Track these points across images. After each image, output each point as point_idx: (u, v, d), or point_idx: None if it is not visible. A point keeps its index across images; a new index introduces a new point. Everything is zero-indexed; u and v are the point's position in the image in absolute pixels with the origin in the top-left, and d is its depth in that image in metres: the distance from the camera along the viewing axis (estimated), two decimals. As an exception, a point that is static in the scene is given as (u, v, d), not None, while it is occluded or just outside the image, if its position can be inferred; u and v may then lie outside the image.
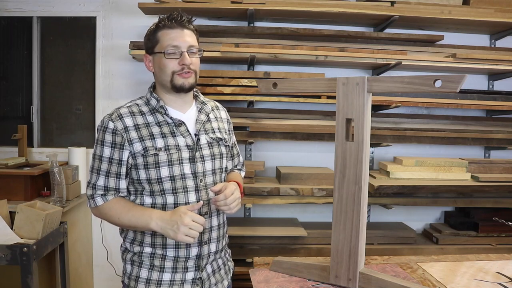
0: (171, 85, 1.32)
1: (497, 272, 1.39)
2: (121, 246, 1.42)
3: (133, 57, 2.59)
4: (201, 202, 1.27)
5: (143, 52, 2.37)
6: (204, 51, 1.42)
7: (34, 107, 2.80)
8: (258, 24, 2.66)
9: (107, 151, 1.29)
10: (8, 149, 2.75)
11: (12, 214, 1.87)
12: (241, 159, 1.64)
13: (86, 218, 2.68)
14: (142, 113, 1.33)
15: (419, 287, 1.15)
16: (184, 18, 1.32)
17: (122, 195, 1.33)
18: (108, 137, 1.29)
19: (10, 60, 2.81)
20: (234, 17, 2.60)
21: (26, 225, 1.79)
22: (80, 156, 2.56)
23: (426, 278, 1.34)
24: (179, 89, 1.33)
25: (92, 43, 2.74)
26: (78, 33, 2.78)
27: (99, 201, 1.31)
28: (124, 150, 1.29)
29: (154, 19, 2.59)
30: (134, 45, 2.39)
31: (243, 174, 1.64)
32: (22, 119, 2.82)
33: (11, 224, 1.82)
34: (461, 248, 2.44)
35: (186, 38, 1.31)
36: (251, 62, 2.50)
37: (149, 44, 1.36)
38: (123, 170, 1.31)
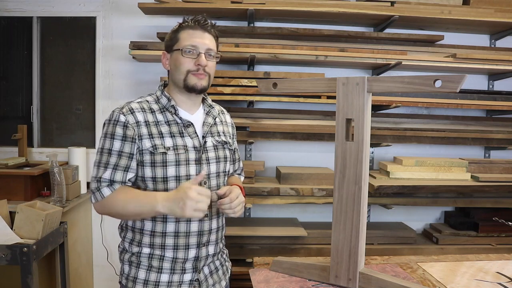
0: (183, 84, 1.33)
1: (497, 272, 1.39)
2: (119, 246, 1.41)
3: (133, 57, 2.59)
4: (203, 172, 1.24)
5: (143, 52, 2.39)
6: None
7: (34, 107, 2.80)
8: (258, 24, 2.66)
9: (117, 145, 1.27)
10: (8, 149, 2.75)
11: (12, 214, 1.87)
12: (241, 164, 1.65)
13: (86, 218, 2.68)
14: (152, 111, 1.33)
15: (419, 287, 1.15)
16: (208, 22, 1.35)
17: (127, 185, 1.30)
18: (119, 130, 1.27)
19: (10, 60, 2.81)
20: (234, 17, 2.60)
21: (26, 225, 1.79)
22: (80, 156, 2.56)
23: (426, 278, 1.34)
24: (190, 89, 1.33)
25: (92, 43, 2.74)
26: (78, 33, 2.78)
27: (106, 191, 1.25)
28: (134, 144, 1.28)
29: (154, 19, 2.64)
30: (134, 45, 2.39)
31: (242, 179, 1.65)
32: (22, 119, 2.82)
33: (11, 224, 1.82)
34: (461, 248, 2.44)
35: (205, 40, 1.33)
36: (251, 62, 2.50)
37: (169, 42, 1.37)
38: (134, 164, 1.28)
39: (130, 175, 1.28)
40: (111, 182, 1.26)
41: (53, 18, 2.76)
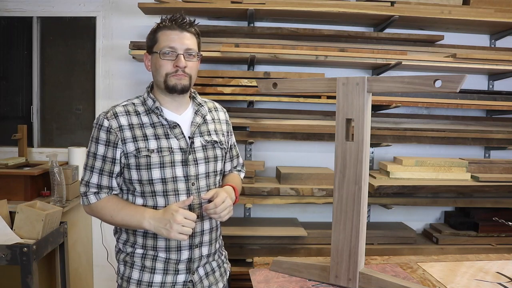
0: (164, 86, 1.32)
1: (497, 272, 1.39)
2: (115, 246, 1.42)
3: (133, 57, 2.59)
4: (192, 197, 1.27)
5: (143, 52, 2.37)
6: (203, 51, 1.41)
7: (34, 107, 2.80)
8: (258, 24, 2.66)
9: (101, 149, 1.29)
10: (8, 149, 2.75)
11: (12, 214, 1.87)
12: (241, 160, 1.62)
13: (86, 218, 2.68)
14: (137, 113, 1.33)
15: (419, 287, 1.15)
16: (185, 21, 1.32)
17: (115, 193, 1.34)
18: (103, 135, 1.29)
19: (10, 60, 2.81)
20: (234, 17, 2.60)
21: (26, 225, 1.79)
22: (80, 156, 2.56)
23: (426, 278, 1.34)
24: (171, 90, 1.32)
25: (92, 43, 2.74)
26: (78, 33, 2.78)
27: (92, 199, 1.31)
28: (117, 149, 1.29)
29: (154, 19, 2.60)
30: (134, 45, 2.39)
31: (242, 175, 1.62)
32: (22, 119, 2.82)
33: (11, 224, 1.82)
34: (461, 248, 2.44)
35: (184, 40, 1.30)
36: (251, 62, 2.50)
37: (149, 43, 1.36)
38: (117, 168, 1.31)
39: (115, 180, 1.32)
40: (99, 189, 1.31)
41: (53, 18, 2.76)
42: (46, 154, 2.66)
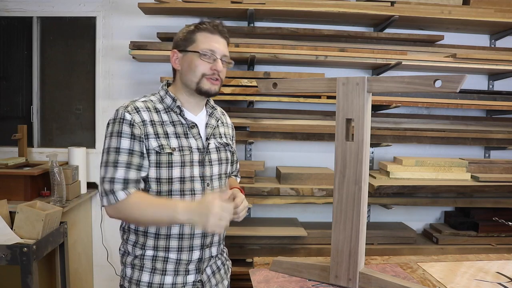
0: (196, 86, 1.32)
1: (497, 272, 1.39)
2: (119, 249, 1.39)
3: (133, 57, 2.59)
4: (228, 191, 1.23)
5: (143, 52, 2.39)
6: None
7: (34, 107, 2.80)
8: (258, 24, 2.66)
9: (125, 143, 1.23)
10: (8, 149, 2.75)
11: (12, 214, 1.87)
12: (238, 166, 1.65)
13: (86, 218, 2.68)
14: (157, 110, 1.31)
15: (419, 287, 1.15)
16: (225, 29, 1.36)
17: (142, 187, 1.28)
18: (126, 128, 1.24)
19: (10, 60, 2.81)
20: (234, 17, 2.60)
21: (26, 225, 1.79)
22: (80, 156, 2.56)
23: (426, 278, 1.34)
24: (203, 93, 1.32)
25: (92, 43, 2.74)
26: (78, 33, 2.78)
27: (121, 195, 1.19)
28: (143, 143, 1.25)
29: (154, 19, 2.64)
30: (134, 45, 2.39)
31: (238, 180, 1.66)
32: (22, 119, 2.81)
33: (11, 224, 1.82)
34: (461, 248, 2.44)
35: (222, 46, 1.34)
36: (251, 62, 2.50)
37: (183, 42, 1.34)
38: (146, 162, 1.26)
39: (143, 174, 1.26)
40: (125, 183, 1.21)
41: (53, 18, 2.75)
42: (46, 154, 2.65)
